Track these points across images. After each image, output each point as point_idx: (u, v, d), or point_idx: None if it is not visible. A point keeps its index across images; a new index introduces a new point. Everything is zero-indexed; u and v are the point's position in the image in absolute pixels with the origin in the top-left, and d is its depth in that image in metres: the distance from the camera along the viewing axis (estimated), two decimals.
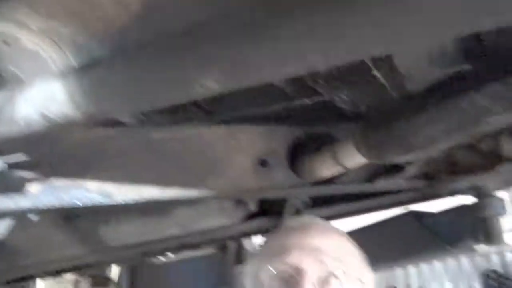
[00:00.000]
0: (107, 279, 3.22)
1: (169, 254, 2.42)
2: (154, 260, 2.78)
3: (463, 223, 1.19)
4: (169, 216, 1.27)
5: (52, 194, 1.03)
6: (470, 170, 1.05)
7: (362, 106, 1.05)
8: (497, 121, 0.76)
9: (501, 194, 1.21)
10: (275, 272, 0.88)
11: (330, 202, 1.24)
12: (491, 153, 1.00)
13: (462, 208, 1.23)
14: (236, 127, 1.08)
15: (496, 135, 0.97)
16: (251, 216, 1.30)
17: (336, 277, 0.87)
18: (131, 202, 1.03)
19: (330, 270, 0.87)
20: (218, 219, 1.28)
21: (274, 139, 1.08)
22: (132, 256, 1.59)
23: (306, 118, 1.09)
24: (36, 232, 1.42)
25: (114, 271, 3.40)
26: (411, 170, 1.03)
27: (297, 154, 1.07)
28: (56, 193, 1.04)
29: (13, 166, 0.95)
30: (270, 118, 1.09)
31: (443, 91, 0.81)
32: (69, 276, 3.62)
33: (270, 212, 1.29)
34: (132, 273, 3.01)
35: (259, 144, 1.08)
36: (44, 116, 0.75)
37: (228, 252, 2.64)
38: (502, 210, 1.19)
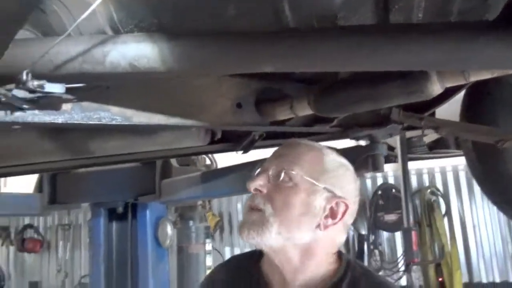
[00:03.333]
0: None
1: None
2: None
3: (359, 157, 1.78)
4: (154, 137, 1.63)
5: (82, 113, 1.31)
6: (370, 125, 1.63)
7: (308, 75, 1.53)
8: (389, 103, 1.30)
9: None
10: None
11: (278, 137, 1.75)
12: (384, 116, 1.58)
13: (359, 147, 1.83)
14: (221, 77, 1.46)
15: (390, 106, 1.54)
16: (216, 141, 1.74)
17: (286, 173, 1.07)
18: (143, 124, 1.37)
19: (283, 167, 1.08)
20: (192, 142, 1.68)
21: (247, 89, 1.49)
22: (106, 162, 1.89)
23: (270, 77, 1.54)
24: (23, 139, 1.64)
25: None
26: (335, 120, 1.57)
27: (262, 101, 1.52)
28: (86, 112, 1.33)
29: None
30: (246, 74, 1.50)
31: (367, 81, 1.32)
32: None
33: (231, 139, 1.74)
34: (53, 180, 3.18)
35: (237, 91, 1.48)
36: (133, 66, 1.05)
37: (156, 167, 2.97)
38: (385, 151, 1.82)
